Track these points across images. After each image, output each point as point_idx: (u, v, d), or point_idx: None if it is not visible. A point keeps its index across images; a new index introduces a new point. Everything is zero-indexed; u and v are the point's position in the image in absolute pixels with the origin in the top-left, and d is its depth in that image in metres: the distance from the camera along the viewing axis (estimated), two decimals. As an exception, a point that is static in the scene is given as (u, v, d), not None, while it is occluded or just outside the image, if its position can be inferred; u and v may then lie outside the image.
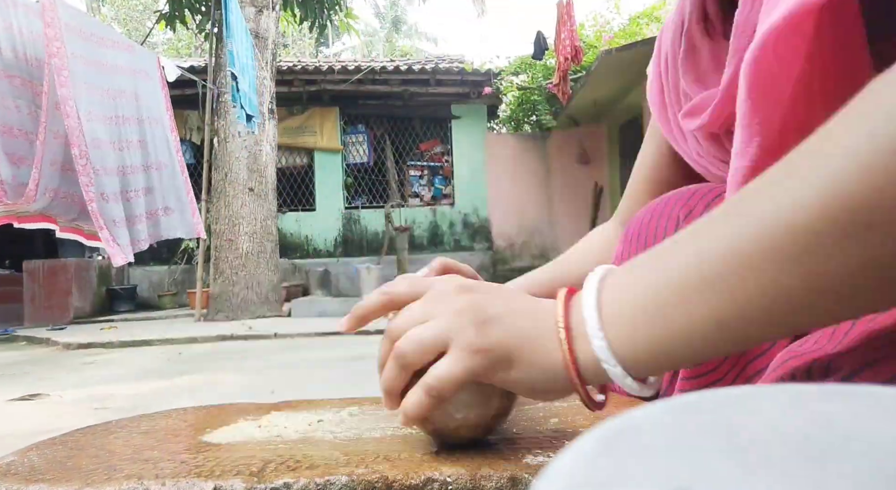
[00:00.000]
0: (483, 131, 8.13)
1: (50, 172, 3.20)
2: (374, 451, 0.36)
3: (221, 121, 5.59)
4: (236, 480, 0.31)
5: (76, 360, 3.69)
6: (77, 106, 3.20)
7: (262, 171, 5.73)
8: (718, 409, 0.15)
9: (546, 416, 0.45)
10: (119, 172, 3.58)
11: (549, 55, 6.86)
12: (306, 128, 7.64)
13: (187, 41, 14.49)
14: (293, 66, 7.32)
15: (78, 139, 3.16)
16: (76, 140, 3.14)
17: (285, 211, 7.57)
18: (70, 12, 3.38)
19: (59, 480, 0.32)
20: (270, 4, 5.79)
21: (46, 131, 3.14)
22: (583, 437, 0.15)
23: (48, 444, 0.41)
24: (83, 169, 3.18)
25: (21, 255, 6.54)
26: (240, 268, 5.53)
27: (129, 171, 3.69)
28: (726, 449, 0.13)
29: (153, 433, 0.44)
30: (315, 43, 12.27)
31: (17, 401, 2.46)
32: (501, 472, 0.32)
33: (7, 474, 0.34)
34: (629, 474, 0.13)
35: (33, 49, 3.36)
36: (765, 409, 0.14)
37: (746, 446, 0.13)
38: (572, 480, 0.13)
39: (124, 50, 3.83)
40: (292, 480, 0.31)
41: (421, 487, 0.31)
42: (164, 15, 6.39)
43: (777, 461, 0.12)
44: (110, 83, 3.61)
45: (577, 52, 5.71)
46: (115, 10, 15.65)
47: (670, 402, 0.15)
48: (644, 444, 0.14)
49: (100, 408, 2.26)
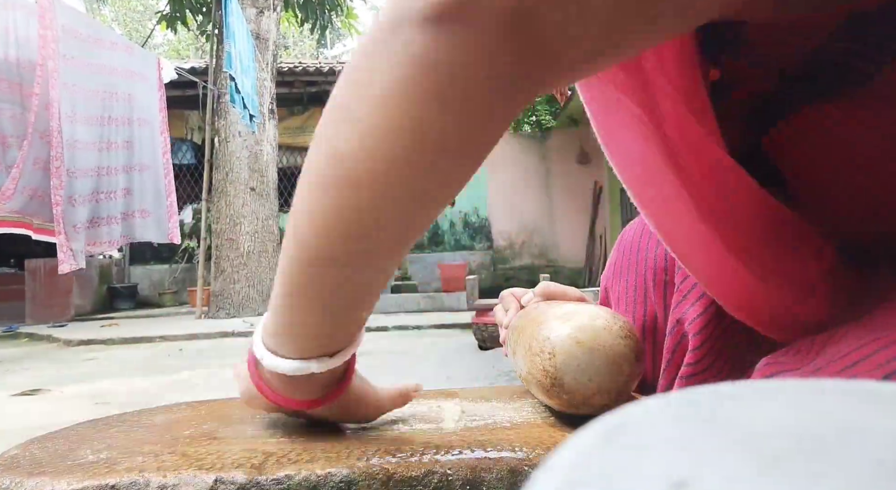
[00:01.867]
0: (484, 131, 8.12)
1: (31, 171, 3.20)
2: (375, 444, 0.36)
3: (222, 121, 5.59)
4: (238, 473, 0.32)
5: (77, 357, 3.69)
6: (60, 108, 3.20)
7: (264, 170, 5.73)
8: (718, 404, 0.15)
9: (542, 410, 0.45)
10: (96, 173, 3.58)
11: (550, 55, 6.85)
12: (307, 128, 7.64)
13: (188, 42, 14.49)
14: (294, 68, 7.32)
15: (56, 141, 3.16)
16: (55, 142, 3.15)
17: (286, 210, 7.55)
18: (67, 13, 3.38)
19: (61, 473, 0.33)
20: (271, 6, 5.78)
21: (33, 131, 3.14)
22: (582, 430, 0.15)
23: (50, 438, 0.42)
24: (56, 171, 3.18)
25: (23, 254, 6.56)
26: (241, 266, 5.53)
27: (110, 172, 3.68)
28: (725, 444, 0.13)
29: (154, 427, 0.44)
30: (316, 44, 12.27)
31: (19, 396, 2.47)
32: (501, 465, 0.32)
33: (10, 467, 0.34)
34: (628, 468, 0.13)
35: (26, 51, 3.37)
36: (764, 403, 0.14)
37: (746, 441, 0.13)
38: (572, 474, 0.13)
39: (122, 51, 3.83)
40: (293, 473, 0.31)
41: (421, 479, 0.31)
42: (165, 16, 6.39)
43: (776, 456, 0.12)
44: (102, 84, 3.61)
45: (578, 52, 5.70)
46: (116, 11, 15.66)
47: (669, 396, 0.15)
48: (643, 438, 0.14)
49: (101, 403, 2.27)
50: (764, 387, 0.15)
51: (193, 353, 3.62)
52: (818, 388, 0.15)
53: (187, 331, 4.50)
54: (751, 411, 0.14)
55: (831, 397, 0.14)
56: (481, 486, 0.31)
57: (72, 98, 3.35)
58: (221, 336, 4.35)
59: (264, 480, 0.31)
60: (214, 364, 3.19)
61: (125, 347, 4.10)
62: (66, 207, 3.29)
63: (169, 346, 4.06)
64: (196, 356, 3.50)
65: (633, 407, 0.15)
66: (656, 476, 0.12)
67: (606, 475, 0.13)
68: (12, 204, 3.18)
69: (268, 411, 0.43)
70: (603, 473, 0.13)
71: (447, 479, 0.31)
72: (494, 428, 0.40)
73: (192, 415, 0.48)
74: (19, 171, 3.11)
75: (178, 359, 3.45)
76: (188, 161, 7.61)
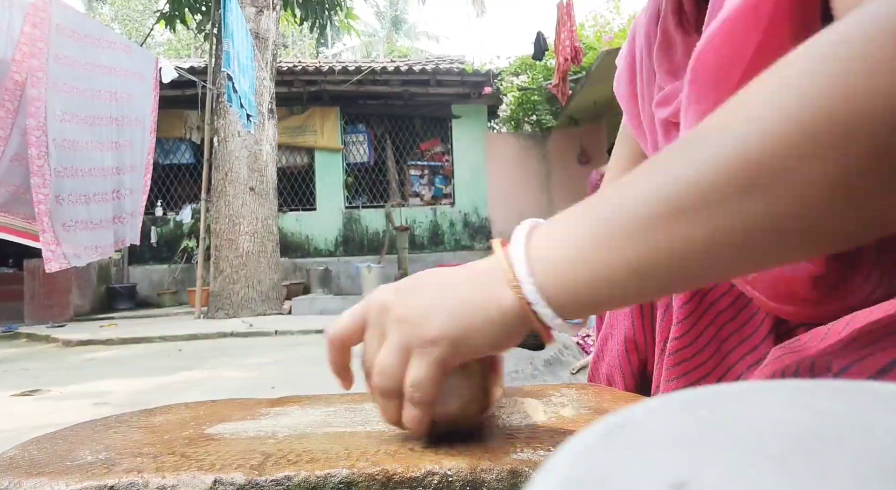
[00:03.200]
0: (483, 131, 8.13)
1: (9, 167, 3.18)
2: (375, 445, 0.36)
3: (221, 120, 5.59)
4: (237, 474, 0.32)
5: (76, 357, 3.69)
6: (48, 107, 3.18)
7: (263, 170, 5.72)
8: (717, 404, 0.15)
9: (543, 411, 0.45)
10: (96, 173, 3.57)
11: (549, 56, 6.86)
12: (307, 127, 7.64)
13: (187, 41, 14.48)
14: (293, 67, 7.32)
15: (38, 140, 3.14)
16: (35, 141, 3.13)
17: (286, 210, 7.58)
18: (64, 12, 3.37)
19: (59, 474, 0.33)
20: (271, 5, 5.78)
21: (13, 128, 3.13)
22: (582, 431, 0.15)
23: (49, 439, 0.41)
24: (38, 169, 3.16)
25: (22, 253, 6.55)
26: (240, 266, 5.53)
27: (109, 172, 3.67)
28: (725, 444, 0.13)
29: (153, 428, 0.44)
30: (315, 43, 12.26)
31: (18, 396, 2.47)
32: (501, 466, 0.32)
33: (9, 468, 0.34)
34: (628, 468, 0.13)
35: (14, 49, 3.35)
36: (763, 404, 0.14)
37: (745, 441, 0.13)
38: (572, 474, 0.13)
39: (121, 51, 3.82)
40: (293, 474, 0.31)
41: (421, 480, 0.31)
42: (164, 15, 6.38)
43: (775, 456, 0.12)
44: (99, 84, 3.60)
45: (577, 52, 5.71)
46: (115, 10, 15.65)
47: (669, 397, 0.15)
48: (643, 438, 0.14)
49: (99, 403, 2.26)
50: (763, 386, 0.15)
51: (192, 354, 3.62)
52: (817, 388, 0.15)
53: (186, 331, 4.50)
54: (751, 411, 0.14)
55: (831, 397, 0.14)
56: (482, 486, 0.31)
57: (63, 98, 3.33)
58: (220, 336, 4.35)
59: (263, 481, 0.31)
60: (213, 364, 3.19)
61: (124, 348, 4.09)
62: (53, 206, 3.27)
63: (168, 346, 4.06)
64: (195, 356, 3.50)
65: (634, 407, 0.15)
66: (656, 476, 0.12)
67: (606, 475, 0.13)
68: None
69: None
70: (603, 474, 0.13)
71: (447, 479, 0.31)
72: (495, 428, 0.40)
73: (191, 415, 0.48)
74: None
75: (177, 359, 3.45)
76: (187, 161, 7.61)
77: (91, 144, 3.56)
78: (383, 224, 7.64)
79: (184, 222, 7.40)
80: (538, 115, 8.04)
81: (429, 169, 8.16)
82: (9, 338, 5.12)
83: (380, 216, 7.68)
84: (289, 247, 7.41)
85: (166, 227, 7.45)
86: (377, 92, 7.60)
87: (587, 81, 6.20)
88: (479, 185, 7.89)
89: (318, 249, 7.69)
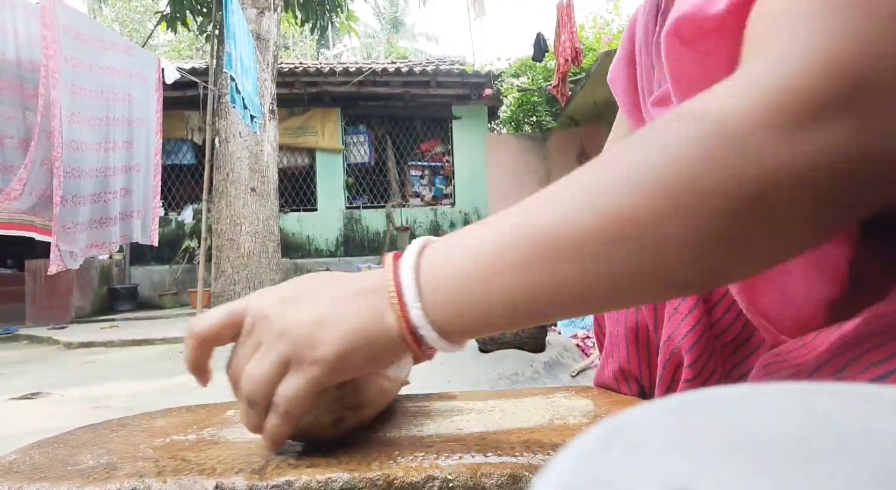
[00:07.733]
0: (483, 132, 8.13)
1: (39, 172, 3.20)
2: (376, 449, 0.36)
3: (223, 121, 5.59)
4: (238, 478, 0.32)
5: (77, 359, 3.69)
6: (61, 109, 3.20)
7: (264, 171, 5.73)
8: (718, 408, 0.15)
9: (543, 414, 0.45)
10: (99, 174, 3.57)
11: (549, 57, 6.86)
12: (307, 128, 7.64)
13: (189, 42, 14.49)
14: (294, 68, 7.32)
15: (56, 142, 3.16)
16: (56, 142, 3.15)
17: (287, 211, 7.58)
18: (68, 14, 3.38)
19: (60, 479, 0.33)
20: (272, 6, 5.79)
21: (40, 132, 3.15)
22: (583, 435, 0.15)
23: (50, 443, 0.41)
24: (56, 171, 3.18)
25: (23, 254, 6.55)
26: (241, 267, 5.53)
27: (112, 172, 3.69)
28: (726, 447, 0.13)
29: (155, 431, 0.44)
30: (316, 45, 12.27)
31: (19, 399, 2.47)
32: (502, 470, 0.32)
33: (9, 472, 0.34)
34: (629, 472, 0.13)
35: (27, 52, 3.36)
36: (762, 407, 0.14)
37: (746, 445, 0.13)
38: (572, 478, 0.13)
39: (123, 52, 3.83)
40: (294, 478, 0.31)
41: (422, 485, 0.31)
42: (166, 16, 6.39)
43: (776, 459, 0.12)
44: (103, 85, 3.60)
45: (576, 54, 5.71)
46: (117, 11, 15.67)
47: (670, 400, 0.15)
48: (644, 442, 0.14)
49: (101, 406, 2.26)
50: (762, 390, 0.15)
51: (194, 355, 3.61)
52: (816, 392, 0.15)
53: (188, 332, 4.49)
54: (749, 415, 0.14)
55: (831, 401, 0.14)
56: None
57: (72, 98, 3.35)
58: (222, 338, 4.34)
59: (265, 486, 0.31)
60: (215, 366, 3.19)
61: (125, 350, 4.09)
62: (62, 207, 3.29)
63: (169, 348, 4.06)
64: (196, 358, 3.49)
65: (634, 410, 0.15)
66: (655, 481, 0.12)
67: (606, 479, 0.13)
68: (20, 204, 3.19)
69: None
70: (602, 478, 0.13)
71: (448, 484, 0.31)
72: (496, 432, 0.40)
73: (193, 419, 0.48)
74: (27, 172, 3.11)
75: (179, 361, 3.44)
76: (188, 161, 7.62)
77: (94, 145, 3.57)
78: (384, 224, 7.64)
79: (185, 223, 7.41)
80: (538, 116, 8.04)
81: (429, 169, 8.16)
82: (9, 340, 5.13)
83: (380, 216, 7.69)
84: (290, 247, 7.42)
85: (168, 227, 7.45)
86: (378, 93, 7.61)
87: (587, 82, 6.20)
88: (479, 186, 7.89)
89: (318, 250, 7.69)
